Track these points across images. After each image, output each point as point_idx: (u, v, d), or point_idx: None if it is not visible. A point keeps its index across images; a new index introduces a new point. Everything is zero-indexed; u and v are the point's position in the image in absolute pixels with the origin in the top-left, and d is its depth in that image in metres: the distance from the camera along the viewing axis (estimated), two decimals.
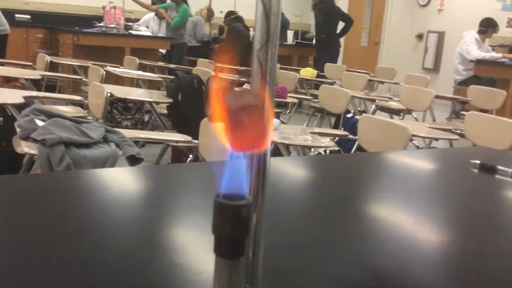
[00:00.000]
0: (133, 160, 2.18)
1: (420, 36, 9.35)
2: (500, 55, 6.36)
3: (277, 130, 2.59)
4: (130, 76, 4.63)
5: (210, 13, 8.09)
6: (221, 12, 8.94)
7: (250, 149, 0.31)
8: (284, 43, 7.77)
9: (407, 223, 0.85)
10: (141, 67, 5.48)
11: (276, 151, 2.95)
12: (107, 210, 0.77)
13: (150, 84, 5.09)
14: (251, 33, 7.85)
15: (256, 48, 0.43)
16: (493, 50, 6.93)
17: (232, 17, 7.92)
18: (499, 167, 1.12)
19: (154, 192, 0.91)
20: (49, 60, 4.98)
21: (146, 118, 5.13)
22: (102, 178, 0.95)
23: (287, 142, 2.42)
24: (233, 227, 0.30)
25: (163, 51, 7.33)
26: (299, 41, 8.20)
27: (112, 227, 0.70)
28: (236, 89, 0.32)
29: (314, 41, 7.49)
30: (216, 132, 0.32)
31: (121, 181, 0.95)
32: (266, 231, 0.46)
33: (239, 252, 0.30)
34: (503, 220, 0.91)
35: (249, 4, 8.80)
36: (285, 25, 8.61)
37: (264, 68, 0.43)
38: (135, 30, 6.90)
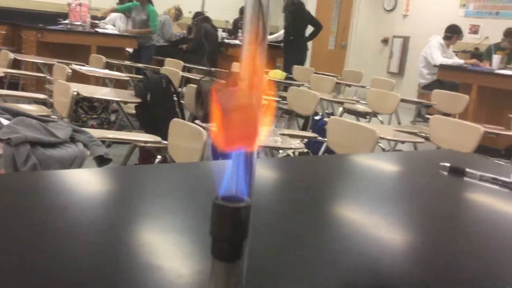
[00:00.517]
0: (101, 161, 2.14)
1: (385, 41, 9.53)
2: (462, 61, 6.54)
3: None
4: (96, 75, 4.55)
5: (178, 13, 8.04)
6: (190, 12, 8.89)
7: (241, 148, 0.31)
8: None
9: (379, 224, 0.86)
10: (108, 66, 5.39)
11: None
12: (75, 212, 0.75)
13: (117, 84, 5.01)
14: (219, 33, 7.84)
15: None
16: (456, 55, 7.12)
17: (200, 18, 7.89)
18: (468, 169, 1.15)
19: (124, 193, 0.90)
20: (12, 57, 4.84)
21: (113, 118, 5.05)
22: (69, 179, 0.93)
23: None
24: (232, 229, 0.29)
25: (130, 50, 7.23)
26: (268, 42, 8.24)
27: (80, 230, 0.68)
28: (230, 89, 0.32)
29: (282, 43, 7.54)
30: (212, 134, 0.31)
31: (89, 182, 0.93)
32: None
33: (237, 254, 0.30)
34: (472, 221, 0.94)
35: (217, 5, 8.79)
36: None
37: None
38: (102, 28, 6.78)
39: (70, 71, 3.90)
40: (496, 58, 6.26)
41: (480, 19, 8.31)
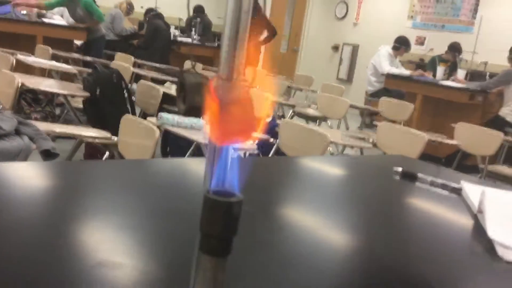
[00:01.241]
0: (48, 155, 2.07)
1: (336, 48, 9.73)
2: (408, 72, 6.77)
3: (200, 131, 2.57)
4: (43, 66, 4.38)
5: (129, 8, 7.88)
6: (142, 7, 8.74)
7: (236, 141, 0.31)
8: (208, 44, 7.75)
9: (333, 227, 0.87)
10: (54, 58, 5.20)
11: (198, 151, 2.92)
12: (19, 206, 0.71)
13: (62, 76, 4.85)
14: (172, 31, 7.75)
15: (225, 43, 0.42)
16: (403, 65, 7.37)
17: (152, 14, 7.77)
18: (420, 174, 1.19)
19: (72, 188, 0.86)
20: None
21: (57, 111, 4.88)
22: (12, 173, 0.88)
23: None
24: (223, 224, 0.28)
25: (78, 42, 7.01)
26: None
27: (25, 225, 0.65)
28: (228, 82, 0.32)
29: None
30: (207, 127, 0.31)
31: (34, 176, 0.89)
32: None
33: (227, 250, 0.29)
34: (422, 225, 0.97)
35: (170, 2, 8.69)
36: (208, 26, 8.58)
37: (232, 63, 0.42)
38: (49, 18, 6.54)
39: (15, 60, 3.74)
40: (440, 69, 6.54)
41: (426, 31, 8.64)
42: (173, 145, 3.60)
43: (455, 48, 6.97)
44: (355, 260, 0.74)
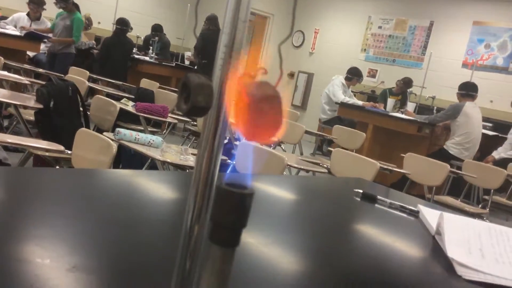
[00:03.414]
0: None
1: (292, 75, 9.92)
2: (361, 102, 6.98)
3: (159, 148, 2.54)
4: None
5: (88, 22, 7.78)
6: (99, 23, 8.64)
7: (265, 139, 0.32)
8: (165, 63, 7.72)
9: (290, 245, 0.89)
10: (5, 68, 5.04)
11: (153, 168, 2.89)
12: None
13: (12, 87, 4.70)
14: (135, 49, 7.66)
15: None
16: (355, 96, 7.59)
17: (117, 28, 7.67)
18: (379, 197, 1.23)
19: (18, 196, 0.84)
20: None
21: (6, 123, 4.70)
22: None
23: (169, 160, 2.39)
24: (235, 215, 0.29)
25: (30, 54, 6.83)
26: (178, 63, 8.22)
27: None
28: (257, 81, 0.33)
29: (195, 66, 7.57)
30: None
31: None
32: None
33: (236, 241, 0.30)
34: (383, 245, 1.00)
35: (130, 20, 8.62)
36: (166, 45, 8.56)
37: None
38: (1, 28, 6.34)
39: None
40: (390, 101, 6.79)
41: (378, 64, 8.96)
42: (126, 161, 3.54)
43: (407, 84, 7.30)
44: (314, 278, 0.76)
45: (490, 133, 6.36)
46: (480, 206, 5.01)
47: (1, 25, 6.46)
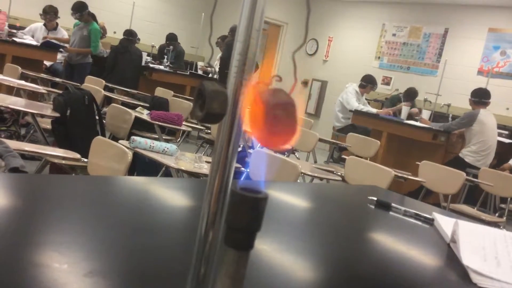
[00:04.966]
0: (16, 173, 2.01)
1: (305, 83, 9.92)
2: (375, 110, 6.95)
3: (173, 156, 2.56)
4: (11, 85, 4.30)
5: (102, 31, 7.87)
6: (115, 32, 8.74)
7: (279, 145, 0.32)
8: (179, 72, 7.78)
9: (308, 251, 0.89)
10: (23, 77, 5.12)
11: (168, 176, 2.90)
12: None
13: (30, 97, 4.77)
14: (144, 57, 7.74)
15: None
16: (369, 103, 7.56)
17: (124, 38, 7.76)
18: (394, 204, 1.22)
19: (36, 202, 0.85)
20: None
21: (23, 132, 4.77)
22: None
23: (183, 168, 2.40)
24: (249, 219, 0.30)
25: (47, 63, 6.93)
26: (192, 71, 8.27)
27: None
28: (272, 88, 0.34)
29: (214, 75, 7.61)
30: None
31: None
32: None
33: (250, 244, 0.30)
34: (397, 253, 0.99)
35: (144, 29, 8.71)
36: (180, 54, 8.62)
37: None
38: (19, 38, 6.45)
39: None
40: (405, 109, 6.74)
41: (392, 72, 8.93)
42: (141, 169, 3.57)
43: (410, 96, 7.18)
44: (328, 286, 0.76)
45: (506, 140, 6.29)
46: (496, 214, 4.95)
47: (19, 35, 6.57)
